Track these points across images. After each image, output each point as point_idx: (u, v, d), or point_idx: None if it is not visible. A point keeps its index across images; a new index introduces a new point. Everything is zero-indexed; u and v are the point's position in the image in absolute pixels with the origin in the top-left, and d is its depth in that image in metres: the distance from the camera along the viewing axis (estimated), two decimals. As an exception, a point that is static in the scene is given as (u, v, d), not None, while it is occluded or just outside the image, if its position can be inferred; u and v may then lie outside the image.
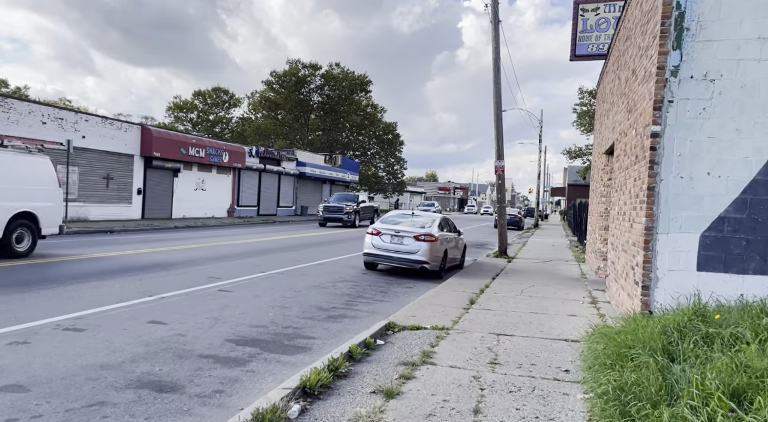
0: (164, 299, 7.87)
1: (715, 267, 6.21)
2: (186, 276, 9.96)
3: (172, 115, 69.31)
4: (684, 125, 6.29)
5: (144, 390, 4.44)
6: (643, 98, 7.12)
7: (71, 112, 23.39)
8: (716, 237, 6.19)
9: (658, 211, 6.41)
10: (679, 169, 6.32)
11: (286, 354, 5.77)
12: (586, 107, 47.69)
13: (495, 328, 7.12)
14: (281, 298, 8.66)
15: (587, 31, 17.28)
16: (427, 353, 5.68)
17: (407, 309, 8.11)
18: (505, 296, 9.67)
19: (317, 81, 60.45)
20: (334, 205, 28.97)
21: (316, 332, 6.79)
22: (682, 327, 4.99)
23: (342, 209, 28.56)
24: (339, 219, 28.56)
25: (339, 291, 9.83)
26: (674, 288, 6.32)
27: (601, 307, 8.91)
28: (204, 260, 12.47)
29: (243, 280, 10.02)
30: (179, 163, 28.68)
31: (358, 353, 5.55)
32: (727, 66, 6.12)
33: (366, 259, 12.77)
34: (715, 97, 6.18)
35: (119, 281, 9.04)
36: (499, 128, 18.07)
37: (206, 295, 8.40)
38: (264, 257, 13.88)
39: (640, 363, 4.06)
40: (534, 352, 6.00)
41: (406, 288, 10.78)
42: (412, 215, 13.60)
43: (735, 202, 6.13)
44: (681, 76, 6.28)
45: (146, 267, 10.71)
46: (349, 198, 30.32)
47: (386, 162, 70.59)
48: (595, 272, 13.37)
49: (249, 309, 7.71)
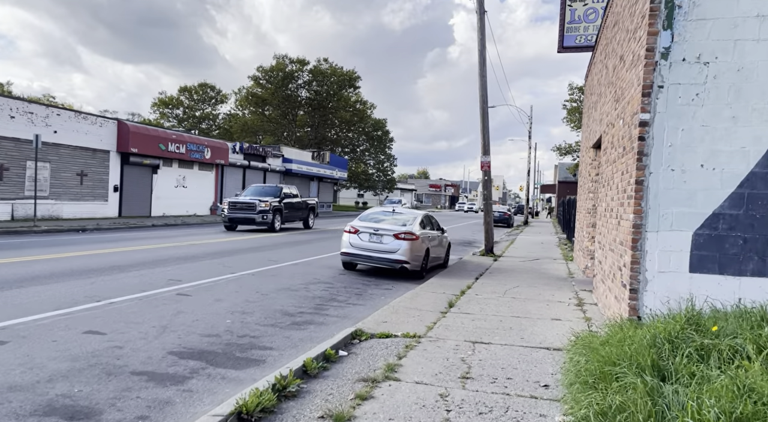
0: (112, 305, 7.20)
1: (710, 269, 5.67)
2: (145, 278, 9.28)
3: (158, 111, 68.17)
4: (675, 113, 5.74)
5: (51, 418, 3.80)
6: (631, 85, 6.57)
7: (42, 106, 22.49)
8: (710, 235, 5.65)
9: (647, 207, 5.86)
10: (669, 161, 5.77)
11: (234, 369, 5.15)
12: (576, 103, 47.37)
13: (472, 335, 6.54)
14: (244, 303, 8.03)
15: (575, 21, 16.74)
16: (392, 366, 5.09)
17: (379, 314, 7.52)
18: (486, 298, 9.11)
19: (305, 76, 59.60)
20: (243, 202, 21.55)
21: (275, 341, 6.18)
22: (674, 337, 4.43)
23: (254, 206, 21.27)
24: (250, 220, 21.25)
25: (311, 293, 9.22)
26: (665, 292, 5.78)
27: (587, 310, 8.37)
28: (170, 260, 11.78)
29: (207, 283, 9.37)
30: (158, 159, 27.86)
31: (314, 368, 4.95)
32: (723, 47, 5.57)
33: (343, 259, 12.17)
34: (709, 81, 5.63)
35: (68, 284, 8.35)
36: (485, 123, 17.51)
37: (161, 300, 7.75)
38: (238, 257, 13.22)
39: (627, 384, 3.49)
40: (511, 363, 5.43)
41: (383, 290, 10.19)
42: (392, 212, 13.01)
43: (731, 196, 5.59)
44: (672, 58, 5.72)
45: (104, 269, 10.02)
46: (269, 191, 23.27)
47: (376, 159, 69.89)
48: (583, 271, 12.86)
49: (205, 315, 7.08)
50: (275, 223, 21.84)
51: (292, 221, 24.06)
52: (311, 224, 25.54)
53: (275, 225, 21.85)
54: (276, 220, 21.93)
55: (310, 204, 25.76)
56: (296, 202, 24.12)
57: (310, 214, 25.46)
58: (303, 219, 24.95)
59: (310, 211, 25.49)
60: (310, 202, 25.72)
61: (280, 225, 22.36)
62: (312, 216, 25.61)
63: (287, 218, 23.19)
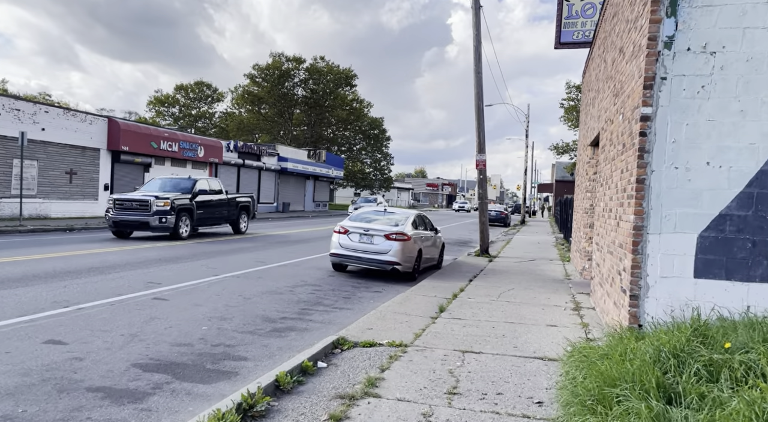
0: (81, 311, 6.79)
1: (716, 274, 5.28)
2: (121, 281, 8.86)
3: (153, 110, 67.61)
4: (679, 106, 5.35)
5: (-16, 444, 3.41)
6: (631, 77, 6.18)
7: (29, 103, 22.02)
8: (717, 238, 5.27)
9: (648, 207, 5.48)
10: (673, 159, 5.38)
11: (203, 383, 4.75)
12: (573, 102, 46.97)
13: (462, 343, 6.15)
14: (224, 307, 7.63)
15: (573, 17, 16.33)
16: (373, 381, 4.69)
17: (365, 320, 7.12)
18: (479, 302, 8.72)
19: (301, 74, 59.07)
20: (133, 199, 16.04)
21: (251, 351, 5.77)
22: (680, 350, 4.05)
23: (148, 205, 15.72)
24: (143, 225, 15.71)
25: (296, 297, 8.82)
26: (667, 298, 5.39)
27: (584, 315, 7.99)
28: (153, 262, 11.36)
29: (187, 286, 8.95)
30: (150, 158, 27.40)
31: (288, 382, 4.55)
32: (731, 35, 5.18)
33: (333, 260, 11.77)
34: (716, 72, 5.24)
35: (38, 288, 7.93)
36: (481, 120, 17.12)
37: (136, 305, 7.33)
38: (224, 258, 12.81)
39: (630, 409, 3.10)
40: (503, 376, 5.04)
41: (373, 293, 9.79)
42: (384, 212, 12.62)
43: (739, 196, 5.21)
44: (676, 48, 5.33)
45: (81, 271, 9.59)
46: (177, 185, 17.75)
47: (373, 158, 69.43)
48: (580, 273, 12.48)
49: (180, 321, 6.67)
50: (180, 228, 16.34)
51: (212, 224, 18.76)
52: (243, 228, 20.20)
53: (180, 230, 16.36)
54: (182, 224, 16.48)
55: (242, 202, 20.17)
56: (217, 200, 18.51)
57: (241, 215, 20.08)
58: (231, 222, 19.59)
59: (241, 211, 20.06)
60: (241, 200, 20.15)
61: (188, 231, 16.84)
62: (245, 218, 20.40)
63: (203, 220, 17.78)
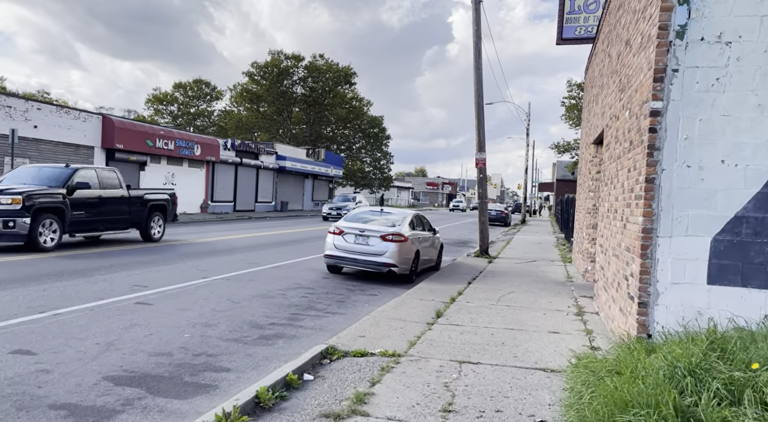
0: (57, 316, 6.43)
1: (731, 280, 4.93)
2: (104, 285, 8.51)
3: (152, 108, 67.21)
4: (692, 100, 4.99)
5: None
6: (639, 70, 5.81)
7: (21, 100, 21.68)
8: (732, 241, 4.91)
9: (658, 208, 5.12)
10: (685, 156, 5.03)
11: (178, 398, 4.39)
12: (574, 100, 46.55)
13: (459, 353, 5.79)
14: (211, 312, 7.28)
15: (575, 12, 15.95)
16: (361, 396, 4.34)
17: (358, 327, 6.77)
18: (478, 306, 8.36)
19: (300, 72, 58.66)
20: None
21: (234, 361, 5.42)
22: (696, 366, 3.70)
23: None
24: None
25: (287, 301, 8.46)
26: (679, 306, 5.04)
27: (588, 320, 7.64)
28: (139, 264, 11.01)
29: (174, 289, 8.60)
30: (146, 156, 27.05)
31: (270, 398, 4.19)
32: (748, 24, 4.82)
33: (327, 262, 11.41)
34: (731, 64, 4.88)
35: (14, 292, 7.56)
36: (480, 118, 16.75)
37: (117, 310, 6.98)
38: (215, 259, 12.45)
39: (644, 438, 2.75)
40: (502, 390, 4.69)
41: (368, 296, 9.44)
42: (381, 212, 12.27)
43: (756, 197, 4.85)
44: (689, 38, 4.97)
45: (61, 274, 9.23)
46: (46, 176, 12.78)
47: (372, 156, 69.02)
48: (583, 275, 12.13)
49: (162, 328, 6.32)
50: (41, 235, 11.67)
51: (105, 229, 13.77)
52: (156, 234, 15.22)
53: (42, 238, 11.67)
54: (45, 230, 11.77)
55: (153, 200, 15.12)
56: (111, 197, 13.66)
57: (153, 217, 15.07)
58: (137, 226, 14.72)
59: (153, 213, 15.06)
60: (152, 198, 15.11)
61: (56, 239, 12.06)
62: (159, 221, 15.36)
63: (84, 224, 12.98)
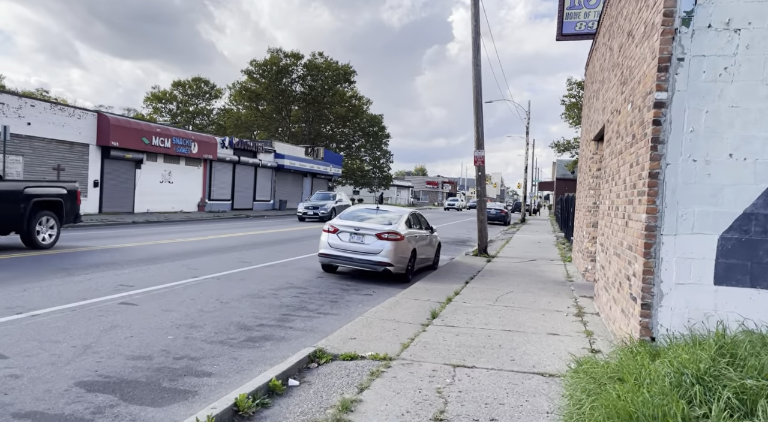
0: (35, 318, 6.18)
1: (739, 281, 4.68)
2: (88, 284, 8.25)
3: (151, 106, 66.91)
4: (698, 91, 4.74)
5: None
6: (642, 61, 5.55)
7: (14, 97, 21.41)
8: (740, 240, 4.66)
9: (662, 205, 4.86)
10: (691, 150, 4.77)
11: (153, 406, 4.14)
12: (574, 99, 46.29)
13: (454, 356, 5.54)
14: (197, 313, 7.02)
15: (575, 7, 15.69)
16: (348, 404, 4.09)
17: (349, 328, 6.52)
18: (475, 307, 8.11)
19: (299, 71, 58.37)
20: None
21: (218, 364, 5.17)
22: (704, 373, 3.45)
23: None
24: None
25: (278, 301, 8.21)
26: (684, 308, 4.79)
27: (588, 322, 7.38)
28: (128, 263, 10.74)
29: (161, 289, 8.35)
30: (142, 154, 26.77)
31: (250, 407, 3.94)
32: (758, 10, 4.56)
33: (322, 261, 11.16)
34: (740, 52, 4.62)
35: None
36: (479, 115, 16.48)
37: (99, 310, 6.72)
38: (207, 257, 12.20)
39: (651, 456, 2.50)
40: (498, 396, 4.44)
41: (363, 296, 9.19)
42: (377, 210, 12.01)
43: (766, 192, 4.60)
44: (695, 25, 4.71)
45: (44, 273, 8.97)
46: None
47: (372, 155, 68.74)
48: (583, 274, 11.87)
49: (144, 330, 6.07)
50: None
51: None
52: (45, 239, 12.00)
53: None
54: None
55: (40, 195, 11.86)
56: None
57: (40, 218, 11.83)
58: (17, 230, 11.54)
59: (39, 213, 11.80)
60: (37, 193, 11.83)
61: None
62: (50, 223, 12.13)
63: None
